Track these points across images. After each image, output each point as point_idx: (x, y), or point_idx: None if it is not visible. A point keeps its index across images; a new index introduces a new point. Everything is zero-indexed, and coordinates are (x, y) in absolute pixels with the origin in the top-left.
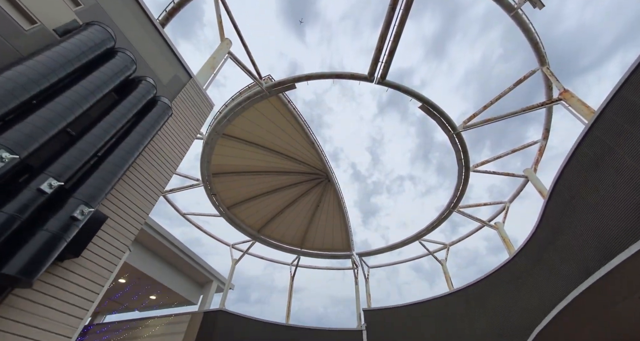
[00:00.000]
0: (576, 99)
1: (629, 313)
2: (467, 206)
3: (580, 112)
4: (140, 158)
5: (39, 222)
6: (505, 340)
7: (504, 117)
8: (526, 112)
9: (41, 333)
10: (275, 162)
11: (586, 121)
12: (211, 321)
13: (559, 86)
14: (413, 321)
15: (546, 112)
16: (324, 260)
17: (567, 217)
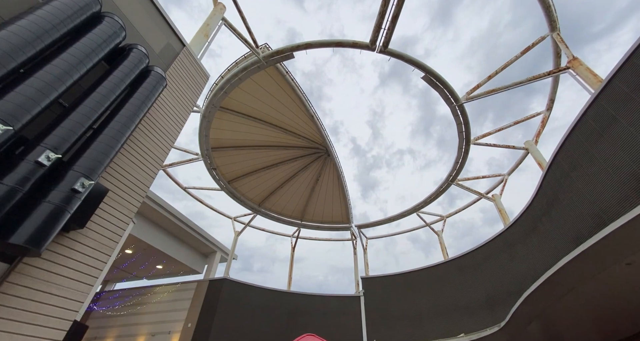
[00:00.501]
0: (584, 67)
1: (615, 278)
2: (465, 179)
3: (588, 81)
4: (137, 131)
5: (41, 195)
6: (496, 304)
7: (509, 87)
8: (532, 82)
9: (53, 298)
10: (274, 136)
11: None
12: (216, 289)
13: (568, 53)
14: (408, 288)
15: (552, 81)
16: (324, 232)
17: (564, 188)
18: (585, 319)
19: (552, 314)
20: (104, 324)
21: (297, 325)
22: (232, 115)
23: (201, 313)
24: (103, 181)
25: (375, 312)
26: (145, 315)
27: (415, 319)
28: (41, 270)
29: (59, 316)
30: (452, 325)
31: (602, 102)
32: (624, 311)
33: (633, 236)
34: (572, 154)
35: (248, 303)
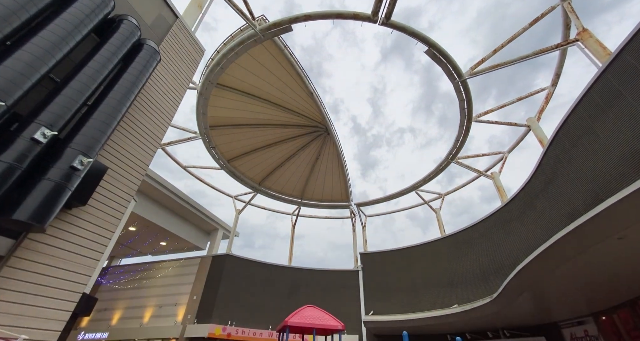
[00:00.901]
0: (594, 40)
1: (605, 251)
2: (465, 157)
3: (597, 54)
4: (134, 108)
5: (40, 172)
6: (489, 278)
7: (515, 62)
8: (539, 55)
9: (61, 271)
10: (273, 115)
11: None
12: (219, 264)
13: (578, 24)
14: (405, 263)
15: (559, 55)
16: (324, 210)
17: (563, 166)
18: (573, 290)
19: (542, 285)
20: (112, 297)
21: (298, 297)
22: (229, 92)
23: (205, 287)
24: (102, 159)
25: (373, 285)
26: (152, 289)
27: (411, 292)
28: (47, 246)
29: (69, 289)
30: (447, 297)
31: (609, 76)
32: (611, 282)
33: (627, 212)
34: (574, 131)
35: (250, 277)
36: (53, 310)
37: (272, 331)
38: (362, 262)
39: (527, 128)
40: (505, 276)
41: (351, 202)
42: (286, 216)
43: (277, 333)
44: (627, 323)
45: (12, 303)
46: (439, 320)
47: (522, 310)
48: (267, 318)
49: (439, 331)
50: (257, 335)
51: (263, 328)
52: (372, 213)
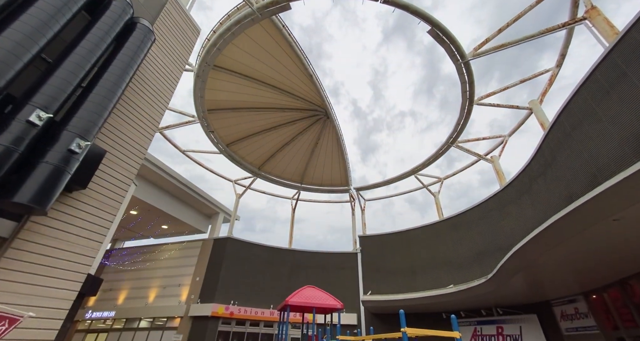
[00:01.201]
0: (602, 18)
1: (600, 232)
2: (465, 141)
3: (604, 33)
4: (130, 91)
5: (39, 155)
6: (485, 259)
7: (519, 42)
8: (544, 35)
9: (65, 253)
10: (272, 98)
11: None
12: (221, 247)
13: (587, 2)
14: (403, 246)
15: (566, 34)
16: (323, 194)
17: (564, 149)
18: (566, 270)
19: (536, 266)
20: (117, 278)
21: (298, 278)
22: (227, 74)
23: (208, 268)
24: (100, 143)
25: (372, 267)
26: (156, 270)
27: (408, 273)
28: (50, 228)
29: (74, 270)
30: (443, 278)
31: (615, 57)
32: (603, 262)
33: (624, 195)
34: (576, 113)
35: (251, 260)
36: (60, 289)
37: (273, 310)
38: (361, 245)
39: (528, 111)
40: (501, 257)
41: (351, 186)
42: (286, 200)
43: (278, 311)
44: (617, 300)
45: (20, 283)
46: (435, 299)
47: (515, 289)
48: (268, 298)
49: (435, 310)
50: (258, 313)
51: (264, 307)
52: (372, 197)
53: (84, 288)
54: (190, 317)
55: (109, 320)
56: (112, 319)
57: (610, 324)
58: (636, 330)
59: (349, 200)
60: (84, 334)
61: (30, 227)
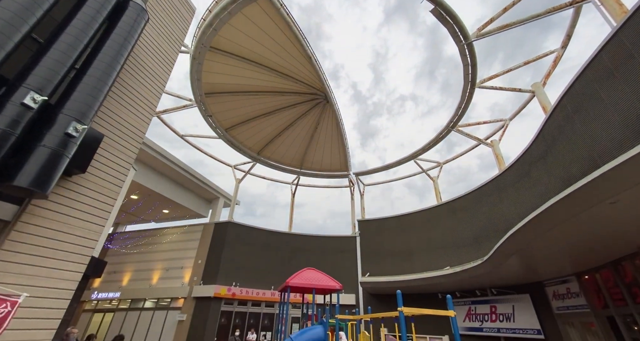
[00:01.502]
0: None
1: (596, 215)
2: (466, 125)
3: (612, 12)
4: (125, 73)
5: (36, 139)
6: (482, 242)
7: (525, 21)
8: (551, 14)
9: (68, 236)
10: (271, 81)
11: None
12: (222, 231)
13: None
14: (401, 229)
15: (573, 14)
16: (323, 179)
17: (565, 133)
18: (560, 252)
19: (531, 248)
20: (120, 260)
21: (298, 261)
22: (224, 56)
23: (209, 252)
24: (97, 127)
25: (370, 250)
26: (158, 253)
27: (406, 255)
28: (52, 212)
29: (78, 252)
30: (440, 260)
31: (622, 37)
32: (597, 244)
33: (622, 178)
34: (579, 96)
35: (252, 243)
36: (65, 271)
37: (274, 291)
38: (360, 229)
39: (531, 95)
40: (497, 240)
41: (350, 171)
42: (286, 185)
43: (279, 292)
44: (608, 281)
45: (25, 264)
46: (431, 280)
47: (510, 270)
48: (269, 280)
49: (431, 291)
50: (260, 294)
51: (265, 289)
52: (371, 182)
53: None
54: (193, 298)
55: (115, 300)
56: (118, 300)
57: (601, 303)
58: (626, 309)
59: (348, 185)
60: (91, 314)
61: (32, 210)
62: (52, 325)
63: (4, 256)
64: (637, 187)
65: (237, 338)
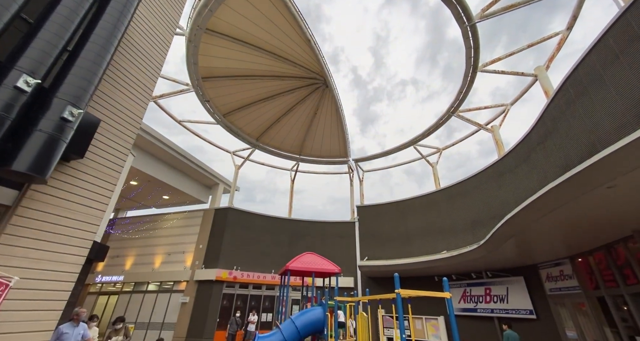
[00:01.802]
0: None
1: (592, 199)
2: (467, 110)
3: None
4: (120, 56)
5: (31, 124)
6: (479, 227)
7: (531, 1)
8: None
9: (70, 221)
10: (269, 65)
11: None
12: (222, 216)
13: None
14: (400, 215)
15: None
16: (322, 165)
17: (566, 118)
18: (555, 235)
19: (527, 233)
20: (122, 245)
21: (298, 246)
22: (221, 39)
23: (210, 237)
24: (94, 111)
25: (368, 235)
26: (159, 238)
27: (403, 240)
28: (52, 197)
29: (80, 237)
30: (437, 244)
31: (630, 17)
32: (592, 228)
33: (621, 163)
34: (582, 80)
35: (252, 228)
36: (68, 255)
37: (274, 274)
38: (359, 214)
39: (533, 78)
40: (494, 225)
41: (349, 157)
42: (285, 171)
43: (279, 276)
44: (601, 263)
45: (29, 248)
46: (428, 264)
47: (505, 254)
48: (269, 264)
49: (427, 274)
50: (260, 277)
51: (266, 272)
52: (370, 168)
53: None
54: (195, 281)
55: (119, 283)
56: (122, 283)
57: (593, 284)
58: (616, 290)
59: (347, 172)
60: (96, 296)
61: (32, 195)
62: (58, 306)
63: (8, 240)
64: (635, 171)
65: (237, 319)
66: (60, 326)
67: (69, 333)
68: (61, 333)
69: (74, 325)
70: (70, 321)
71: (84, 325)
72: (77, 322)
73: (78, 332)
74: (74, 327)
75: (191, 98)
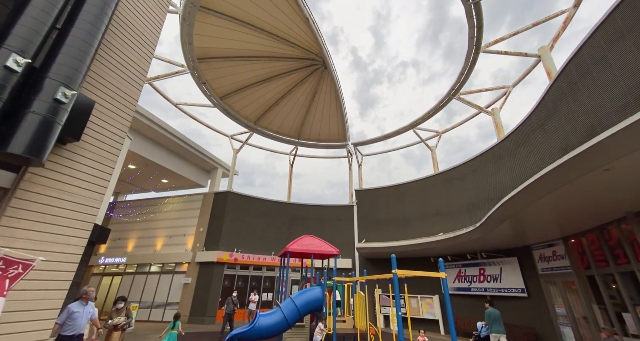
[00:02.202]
0: None
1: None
2: (468, 92)
3: None
4: (111, 36)
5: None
6: (475, 210)
7: None
8: None
9: (69, 203)
10: (266, 45)
11: None
12: (222, 200)
13: None
14: (398, 198)
15: None
16: (321, 150)
17: (567, 100)
18: (549, 217)
19: (522, 215)
20: (124, 228)
21: (297, 229)
22: (216, 17)
23: (210, 220)
24: (87, 93)
25: (367, 218)
26: (160, 222)
27: (401, 223)
28: (50, 179)
29: (80, 219)
30: (434, 227)
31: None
32: (586, 210)
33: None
34: (586, 60)
35: (252, 212)
36: (70, 237)
37: (274, 256)
38: (357, 198)
39: (537, 59)
40: (490, 208)
41: (348, 141)
42: (284, 156)
43: (279, 257)
44: (593, 243)
45: (30, 230)
46: (425, 246)
47: (500, 236)
48: (269, 247)
49: (424, 255)
50: (261, 259)
51: (266, 254)
52: (369, 152)
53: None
54: (197, 263)
55: (121, 265)
56: (124, 264)
57: (584, 264)
58: (606, 269)
59: (346, 156)
60: (99, 277)
61: (30, 178)
62: (63, 286)
63: (9, 222)
64: (633, 154)
65: (234, 299)
66: (69, 305)
67: (79, 311)
68: (72, 312)
69: (83, 303)
70: (79, 300)
71: (92, 304)
72: (86, 301)
73: (88, 311)
74: (84, 306)
75: (187, 81)
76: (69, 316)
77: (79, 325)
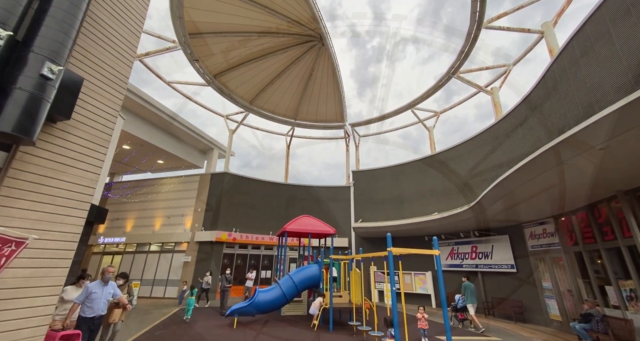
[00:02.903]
0: None
1: (583, 161)
2: (467, 71)
3: None
4: (98, 8)
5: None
6: (470, 190)
7: None
8: None
9: (65, 183)
10: (261, 20)
11: None
12: (219, 181)
13: None
14: (394, 179)
15: None
16: (318, 130)
17: (567, 78)
18: (542, 196)
19: (516, 194)
20: (122, 209)
21: (295, 209)
22: None
23: (208, 201)
24: (75, 69)
25: (363, 198)
26: (158, 202)
27: (396, 203)
28: (42, 159)
29: (77, 199)
30: (429, 207)
31: None
32: (579, 189)
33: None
34: (589, 37)
35: (250, 193)
36: (67, 216)
37: (272, 236)
38: (354, 179)
39: (539, 36)
40: (485, 188)
41: (346, 122)
42: (281, 137)
43: (277, 237)
44: (582, 221)
45: (27, 210)
46: (420, 225)
47: (493, 215)
48: (267, 227)
49: (418, 234)
50: (259, 239)
51: (264, 234)
52: (366, 133)
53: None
54: (196, 242)
55: (121, 244)
56: (124, 244)
57: (572, 241)
58: (593, 245)
59: (343, 137)
60: (100, 256)
61: (22, 157)
62: (64, 264)
63: (4, 201)
64: (629, 132)
65: (227, 276)
66: (89, 285)
67: (97, 292)
68: (90, 292)
69: (102, 284)
70: (99, 280)
71: (113, 284)
72: (106, 281)
73: (108, 291)
74: (103, 286)
75: (180, 58)
76: (88, 296)
77: (98, 306)
